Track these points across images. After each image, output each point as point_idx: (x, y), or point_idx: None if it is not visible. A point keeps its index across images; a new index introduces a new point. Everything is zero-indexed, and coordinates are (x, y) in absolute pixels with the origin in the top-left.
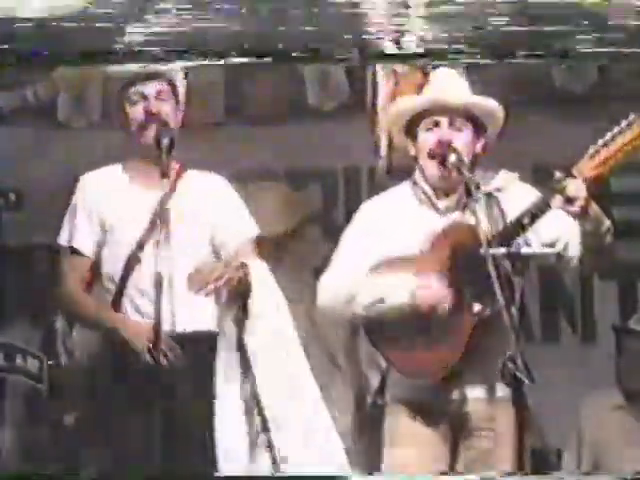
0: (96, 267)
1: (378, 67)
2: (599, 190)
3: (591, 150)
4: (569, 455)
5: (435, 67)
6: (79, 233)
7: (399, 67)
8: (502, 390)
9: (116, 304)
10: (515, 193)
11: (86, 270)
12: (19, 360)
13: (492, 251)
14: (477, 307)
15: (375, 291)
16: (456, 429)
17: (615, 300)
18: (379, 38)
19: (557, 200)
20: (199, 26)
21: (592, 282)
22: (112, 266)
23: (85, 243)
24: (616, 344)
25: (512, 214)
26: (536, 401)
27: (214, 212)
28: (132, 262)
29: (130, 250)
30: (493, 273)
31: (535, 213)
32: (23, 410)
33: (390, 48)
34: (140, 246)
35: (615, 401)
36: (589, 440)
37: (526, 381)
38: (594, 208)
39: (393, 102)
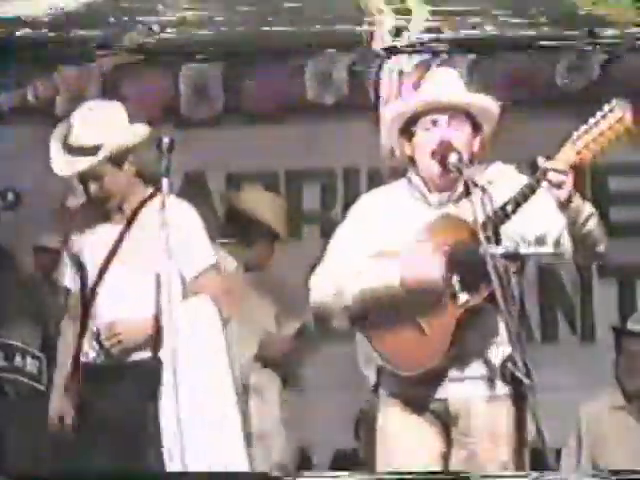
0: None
1: (382, 65)
2: (595, 186)
3: (574, 136)
4: (568, 455)
5: (438, 63)
6: (67, 272)
7: (402, 65)
8: (501, 388)
9: (79, 339)
10: (508, 185)
11: (77, 306)
12: (19, 360)
13: (489, 250)
14: (463, 297)
15: (363, 277)
16: (449, 425)
17: (614, 300)
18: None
19: (541, 185)
20: (199, 25)
21: (591, 282)
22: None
23: (69, 281)
24: (615, 345)
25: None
26: (535, 400)
27: (172, 240)
28: (90, 301)
29: (90, 286)
30: (489, 266)
31: (518, 200)
32: (23, 410)
33: (391, 43)
34: (96, 284)
35: (615, 401)
36: (588, 440)
37: (525, 381)
38: (577, 195)
39: (388, 105)
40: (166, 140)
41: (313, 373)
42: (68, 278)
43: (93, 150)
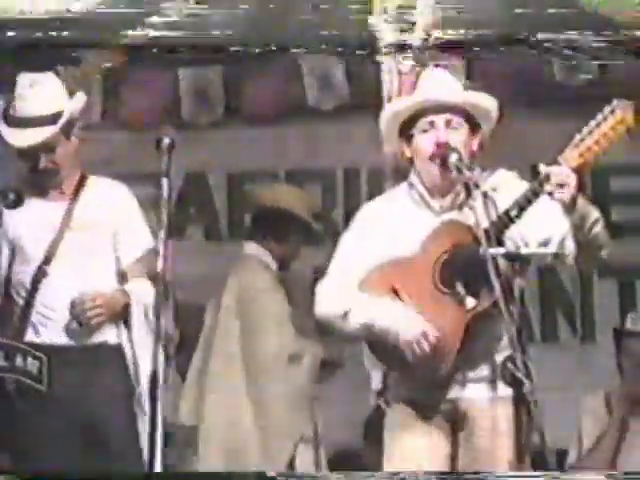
0: (6, 283)
1: (382, 64)
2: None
3: (576, 139)
4: (569, 455)
5: (436, 62)
6: None
7: (402, 64)
8: (503, 390)
9: (24, 318)
10: (512, 192)
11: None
12: (19, 360)
13: (491, 251)
14: (471, 302)
15: (366, 313)
16: (456, 428)
17: (615, 300)
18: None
19: (544, 189)
20: (199, 25)
21: (592, 282)
22: (21, 281)
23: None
24: (617, 346)
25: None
26: (536, 401)
27: (114, 222)
28: (39, 276)
29: (37, 264)
30: (491, 268)
31: (522, 205)
32: (23, 410)
33: (393, 42)
34: (46, 261)
35: (615, 401)
36: (589, 440)
37: (526, 381)
38: (581, 199)
39: (385, 106)
40: (166, 140)
41: None
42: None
43: (50, 119)
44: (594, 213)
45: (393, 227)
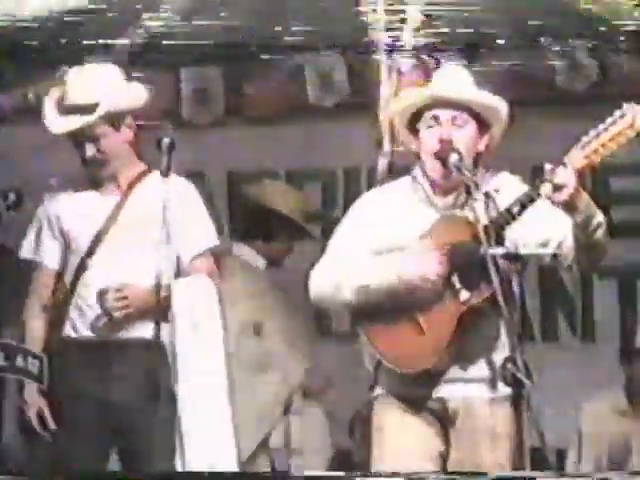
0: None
1: (381, 64)
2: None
3: (583, 140)
4: (569, 455)
5: (436, 63)
6: (43, 245)
7: (401, 64)
8: (502, 389)
9: (63, 313)
10: (514, 195)
11: (52, 282)
12: (19, 360)
13: (490, 251)
14: (465, 295)
15: (363, 273)
16: (447, 426)
17: (615, 300)
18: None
19: (546, 188)
20: (199, 25)
21: (592, 282)
22: (67, 275)
23: (48, 255)
24: (624, 362)
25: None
26: (536, 401)
27: (173, 218)
28: (80, 269)
29: (81, 256)
30: (490, 267)
31: (524, 202)
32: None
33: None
34: (89, 254)
35: (616, 403)
36: (589, 440)
37: (526, 381)
38: (585, 200)
39: (396, 98)
40: (166, 140)
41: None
42: (49, 253)
43: (89, 109)
44: (598, 216)
45: (392, 218)
